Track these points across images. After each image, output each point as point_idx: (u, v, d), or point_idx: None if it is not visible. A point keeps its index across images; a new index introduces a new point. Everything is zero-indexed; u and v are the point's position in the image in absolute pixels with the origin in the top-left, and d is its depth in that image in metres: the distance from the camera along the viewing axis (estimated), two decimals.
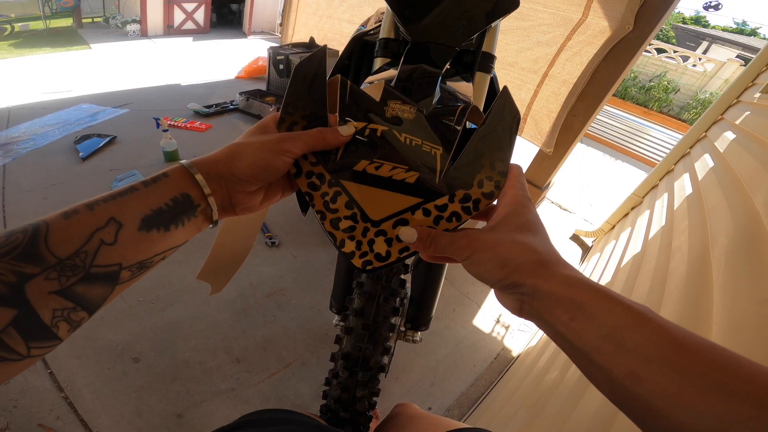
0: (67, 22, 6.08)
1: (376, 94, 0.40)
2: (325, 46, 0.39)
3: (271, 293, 1.61)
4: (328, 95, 0.38)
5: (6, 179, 2.08)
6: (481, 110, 0.54)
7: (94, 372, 1.22)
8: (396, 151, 0.37)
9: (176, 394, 1.20)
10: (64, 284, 0.24)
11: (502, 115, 0.37)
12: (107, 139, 2.51)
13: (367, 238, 0.36)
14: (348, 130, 0.37)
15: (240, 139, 0.34)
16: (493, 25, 0.63)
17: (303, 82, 0.37)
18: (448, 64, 0.56)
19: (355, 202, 0.37)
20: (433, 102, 0.44)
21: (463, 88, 0.58)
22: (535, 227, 0.31)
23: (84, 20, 6.29)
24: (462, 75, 0.64)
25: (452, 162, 0.37)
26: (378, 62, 0.66)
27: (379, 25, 0.78)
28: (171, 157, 2.37)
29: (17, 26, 5.58)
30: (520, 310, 0.30)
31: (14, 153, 2.32)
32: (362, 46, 0.90)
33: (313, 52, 0.38)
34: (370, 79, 0.56)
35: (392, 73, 0.53)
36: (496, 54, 0.67)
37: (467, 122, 0.42)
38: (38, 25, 5.68)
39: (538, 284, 0.27)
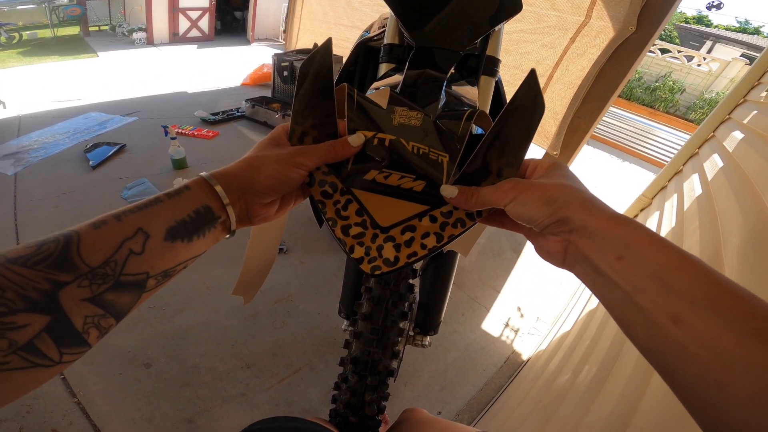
0: (74, 30, 6.19)
1: (382, 100, 0.40)
2: (329, 40, 0.37)
3: (279, 299, 1.62)
4: (335, 101, 0.38)
5: (17, 188, 2.11)
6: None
7: (106, 378, 1.24)
8: (404, 160, 0.38)
9: (187, 400, 1.21)
10: (95, 292, 0.25)
11: (519, 112, 0.35)
12: (116, 147, 2.54)
13: (376, 244, 0.37)
14: (358, 140, 0.37)
15: (254, 152, 0.35)
16: (496, 28, 0.63)
17: (309, 89, 0.37)
18: (452, 68, 0.57)
19: (365, 210, 0.37)
20: (439, 107, 0.44)
21: (468, 92, 0.58)
22: (576, 179, 0.31)
23: (91, 28, 6.41)
24: (467, 79, 0.64)
25: (459, 168, 0.37)
26: (383, 68, 0.67)
27: (383, 31, 0.79)
28: (179, 164, 2.39)
29: (25, 34, 5.69)
30: (565, 253, 0.30)
31: (25, 162, 2.36)
32: (367, 51, 0.91)
33: (315, 50, 0.38)
34: (375, 85, 0.57)
35: (397, 78, 0.53)
36: (500, 57, 0.68)
37: (474, 127, 0.42)
38: (46, 33, 5.80)
39: (588, 220, 0.27)
